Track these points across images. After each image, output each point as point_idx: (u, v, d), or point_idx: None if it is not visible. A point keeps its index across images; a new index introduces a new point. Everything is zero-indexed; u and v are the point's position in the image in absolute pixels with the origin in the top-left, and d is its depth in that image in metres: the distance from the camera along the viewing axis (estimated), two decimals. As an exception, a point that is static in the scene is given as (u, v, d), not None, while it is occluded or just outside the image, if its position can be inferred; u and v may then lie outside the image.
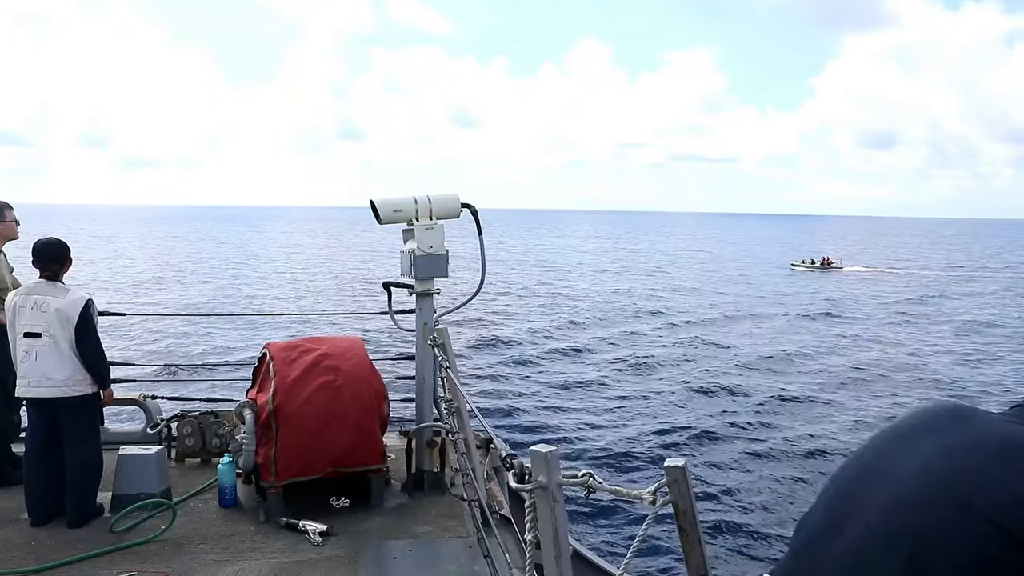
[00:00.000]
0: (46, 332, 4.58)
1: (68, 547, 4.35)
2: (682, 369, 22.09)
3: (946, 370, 22.46)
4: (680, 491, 1.89)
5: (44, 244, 4.77)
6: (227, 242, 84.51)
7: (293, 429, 4.76)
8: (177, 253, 65.44)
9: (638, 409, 17.39)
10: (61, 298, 4.64)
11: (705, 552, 1.98)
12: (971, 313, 35.53)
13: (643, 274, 55.70)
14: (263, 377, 5.07)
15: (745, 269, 61.19)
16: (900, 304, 38.41)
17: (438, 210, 5.35)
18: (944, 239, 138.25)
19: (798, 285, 48.23)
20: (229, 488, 5.03)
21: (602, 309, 35.15)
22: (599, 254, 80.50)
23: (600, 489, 2.06)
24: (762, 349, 25.21)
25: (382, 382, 5.24)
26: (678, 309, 35.60)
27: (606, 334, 27.86)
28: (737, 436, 15.43)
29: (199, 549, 4.38)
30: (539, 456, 2.11)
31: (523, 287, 43.89)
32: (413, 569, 4.22)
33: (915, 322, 32.58)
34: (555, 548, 2.17)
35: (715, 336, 27.92)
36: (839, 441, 15.23)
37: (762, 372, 21.78)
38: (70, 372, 4.63)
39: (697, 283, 48.93)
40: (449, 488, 5.26)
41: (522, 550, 3.07)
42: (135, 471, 4.91)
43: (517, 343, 25.43)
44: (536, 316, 32.21)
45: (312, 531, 4.52)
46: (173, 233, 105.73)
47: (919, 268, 62.90)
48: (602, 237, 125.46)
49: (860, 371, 21.86)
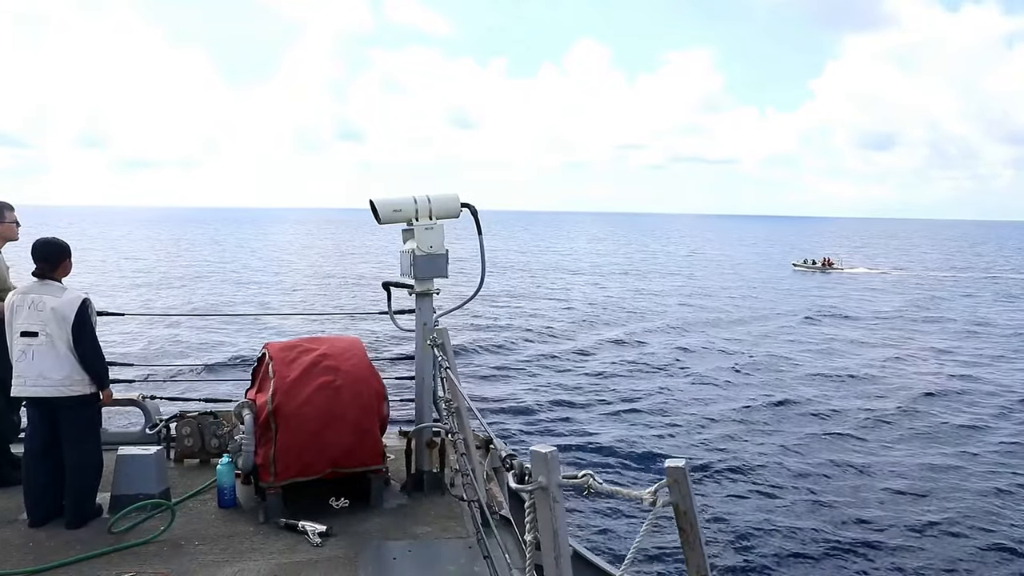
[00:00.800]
0: (43, 331, 4.57)
1: (67, 548, 4.34)
2: (682, 370, 22.09)
3: (948, 371, 22.47)
4: (680, 492, 1.89)
5: (42, 243, 4.77)
6: (243, 246, 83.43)
7: (292, 429, 4.74)
8: (187, 257, 64.91)
9: (638, 409, 17.39)
10: (58, 297, 4.63)
11: (705, 553, 1.98)
12: (974, 314, 35.55)
13: (645, 276, 55.70)
14: (262, 377, 5.06)
15: (747, 270, 61.17)
16: (900, 305, 38.43)
17: (438, 210, 5.34)
18: (947, 240, 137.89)
19: (799, 285, 48.28)
20: (228, 489, 5.02)
21: (603, 310, 35.17)
22: (604, 255, 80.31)
23: (600, 490, 2.05)
24: (763, 350, 25.21)
25: (381, 382, 5.22)
26: (679, 310, 35.63)
27: (606, 335, 27.86)
28: (738, 437, 15.43)
29: (198, 550, 4.36)
30: (539, 456, 2.11)
31: (524, 288, 43.91)
32: (413, 570, 4.21)
33: (916, 323, 32.60)
34: (555, 549, 2.16)
35: (716, 337, 27.93)
36: (840, 441, 15.24)
37: (762, 373, 21.77)
38: (67, 372, 4.62)
39: (700, 284, 48.94)
40: (449, 488, 5.25)
41: (522, 551, 3.06)
42: (134, 472, 4.90)
43: (517, 343, 25.43)
44: (536, 316, 32.22)
45: (311, 532, 4.51)
46: (180, 236, 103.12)
47: (923, 269, 62.94)
48: (607, 239, 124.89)
49: (861, 372, 21.86)
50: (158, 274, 46.84)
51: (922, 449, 14.86)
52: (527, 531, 2.21)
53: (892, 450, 14.76)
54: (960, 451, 14.69)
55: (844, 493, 12.38)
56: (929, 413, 17.43)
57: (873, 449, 14.79)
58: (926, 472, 13.42)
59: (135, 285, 39.96)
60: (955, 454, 14.51)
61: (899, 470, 13.54)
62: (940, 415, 17.27)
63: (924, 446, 15.08)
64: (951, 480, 13.04)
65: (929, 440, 15.49)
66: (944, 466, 13.74)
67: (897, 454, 14.51)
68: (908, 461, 14.05)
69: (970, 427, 16.34)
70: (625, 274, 56.11)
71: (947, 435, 15.82)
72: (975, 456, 14.35)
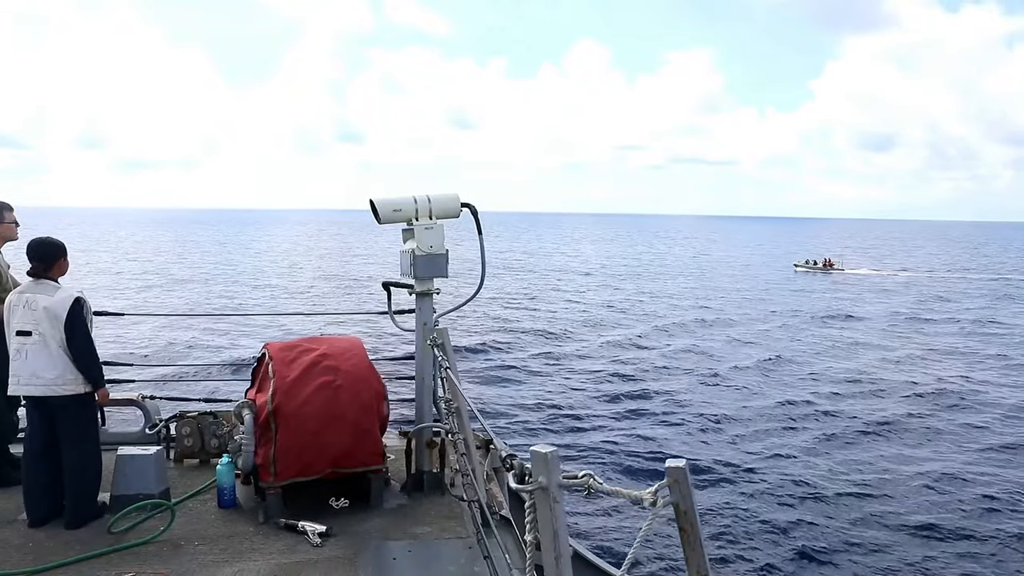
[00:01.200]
0: (36, 330, 4.58)
1: (66, 548, 4.33)
2: (682, 370, 22.09)
3: (952, 373, 22.45)
4: (681, 492, 1.89)
5: (37, 243, 4.77)
6: (247, 247, 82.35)
7: (292, 429, 4.74)
8: (192, 259, 64.34)
9: (639, 410, 17.39)
10: (50, 296, 4.63)
11: (705, 553, 1.97)
12: (976, 315, 35.43)
13: (656, 278, 55.51)
14: (262, 377, 5.06)
15: (757, 271, 60.86)
16: (901, 305, 38.37)
17: (438, 210, 5.33)
18: (950, 241, 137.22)
19: (800, 286, 48.22)
20: (228, 489, 5.01)
21: (608, 311, 35.16)
22: (613, 258, 79.67)
23: (600, 490, 2.05)
24: (764, 351, 25.21)
25: (381, 382, 5.22)
26: (690, 312, 35.60)
27: (607, 336, 27.86)
28: (738, 437, 15.42)
29: (198, 550, 4.36)
30: (539, 456, 2.10)
31: (528, 289, 43.90)
32: (413, 570, 4.20)
33: (917, 324, 32.58)
34: (555, 549, 2.15)
35: (716, 339, 27.92)
36: (841, 442, 15.23)
37: (762, 374, 21.77)
38: (60, 371, 4.61)
39: (711, 286, 48.76)
40: (449, 489, 5.24)
41: (522, 551, 3.06)
42: (134, 472, 4.90)
43: (517, 343, 25.43)
44: (537, 317, 32.22)
45: (311, 532, 4.50)
46: (185, 238, 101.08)
47: (926, 270, 62.88)
48: (613, 241, 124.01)
49: (861, 374, 21.85)
50: (165, 276, 46.56)
51: (923, 450, 14.86)
52: (527, 531, 2.20)
53: (894, 451, 14.76)
54: (963, 452, 14.69)
55: (845, 493, 12.37)
56: (932, 415, 17.42)
57: (874, 449, 14.79)
58: (928, 473, 13.41)
59: (146, 287, 39.66)
60: (957, 455, 14.51)
61: (900, 471, 13.53)
62: (944, 417, 17.26)
63: (926, 447, 15.08)
64: (952, 481, 13.03)
65: (931, 442, 15.48)
66: (945, 467, 13.73)
67: (899, 455, 14.50)
68: (910, 462, 14.05)
69: (977, 427, 16.26)
70: (638, 276, 55.47)
71: (949, 437, 15.81)
72: (980, 458, 14.32)
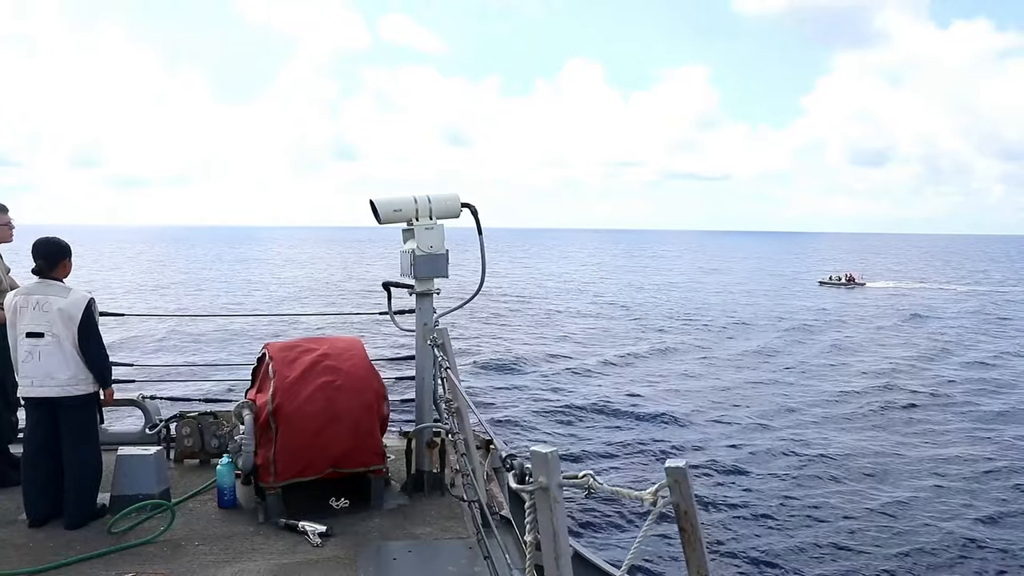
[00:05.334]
0: (49, 332, 4.57)
1: (66, 548, 4.33)
2: (683, 371, 22.09)
3: (960, 375, 22.44)
4: (681, 492, 1.88)
5: (42, 242, 4.76)
6: (249, 258, 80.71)
7: (292, 430, 4.73)
8: (193, 269, 63.25)
9: (639, 410, 17.39)
10: (64, 297, 4.63)
11: (706, 553, 1.97)
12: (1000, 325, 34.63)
13: (648, 286, 55.23)
14: (262, 377, 5.05)
15: (773, 285, 59.84)
16: (930, 318, 36.83)
17: (438, 210, 5.33)
18: (954, 255, 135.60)
19: (827, 300, 46.48)
20: (228, 489, 5.01)
21: (604, 315, 35.14)
22: (630, 272, 78.48)
23: (600, 490, 2.04)
24: (765, 356, 25.22)
25: (382, 382, 5.21)
26: (687, 319, 35.59)
27: (607, 337, 27.86)
28: (738, 438, 15.42)
29: (198, 550, 4.36)
30: (539, 456, 2.10)
31: (526, 291, 43.87)
32: (413, 570, 4.20)
33: (924, 330, 32.51)
34: (555, 549, 2.15)
35: (717, 342, 27.93)
36: (841, 443, 15.22)
37: (762, 375, 21.77)
38: (73, 371, 4.63)
39: (709, 296, 48.46)
40: (449, 489, 5.23)
41: (522, 551, 3.06)
42: (134, 472, 4.89)
43: (517, 344, 25.44)
44: (537, 317, 32.21)
45: (311, 532, 4.50)
46: (189, 255, 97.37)
47: (945, 282, 62.57)
48: (620, 256, 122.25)
49: (863, 375, 21.87)
50: (163, 282, 46.17)
51: (925, 451, 14.85)
52: (527, 531, 2.20)
53: (895, 451, 14.75)
54: (965, 453, 14.68)
55: (846, 493, 12.37)
56: (936, 416, 17.41)
57: (875, 450, 14.78)
58: (930, 474, 13.41)
59: (147, 288, 39.49)
60: (959, 455, 14.50)
61: (901, 471, 13.53)
62: (948, 419, 17.23)
63: (927, 448, 15.07)
64: (954, 481, 13.03)
65: (932, 443, 15.47)
66: (947, 467, 13.73)
67: (900, 456, 14.49)
68: (911, 463, 14.04)
69: (983, 439, 16.04)
70: (652, 288, 54.13)
71: (951, 438, 15.80)
72: (986, 460, 14.28)
